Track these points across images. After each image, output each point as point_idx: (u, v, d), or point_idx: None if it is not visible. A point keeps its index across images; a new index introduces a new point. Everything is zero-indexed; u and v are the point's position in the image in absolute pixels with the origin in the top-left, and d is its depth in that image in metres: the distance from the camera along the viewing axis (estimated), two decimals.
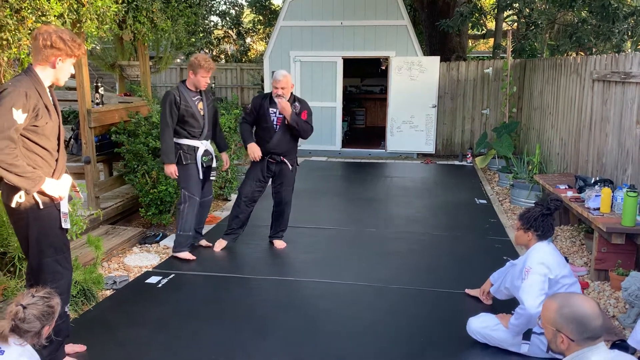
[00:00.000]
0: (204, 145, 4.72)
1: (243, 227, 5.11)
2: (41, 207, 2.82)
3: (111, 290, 4.17)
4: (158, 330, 3.52)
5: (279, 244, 5.15)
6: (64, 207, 2.95)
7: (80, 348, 3.27)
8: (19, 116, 2.66)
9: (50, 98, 2.88)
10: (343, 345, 3.36)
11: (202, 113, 4.67)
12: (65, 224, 2.94)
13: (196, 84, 4.61)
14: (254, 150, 4.81)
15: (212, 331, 3.53)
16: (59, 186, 2.88)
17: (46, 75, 2.83)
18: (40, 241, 2.84)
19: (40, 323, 2.31)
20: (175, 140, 4.61)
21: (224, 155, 5.05)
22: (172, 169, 4.60)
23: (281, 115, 4.75)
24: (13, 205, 2.77)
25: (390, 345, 3.36)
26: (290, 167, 4.90)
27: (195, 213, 4.77)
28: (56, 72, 2.85)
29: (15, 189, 2.74)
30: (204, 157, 4.73)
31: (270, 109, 4.79)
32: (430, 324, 3.63)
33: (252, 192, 4.96)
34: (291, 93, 4.81)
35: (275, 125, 4.80)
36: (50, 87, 2.92)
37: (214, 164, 4.90)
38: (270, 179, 5.02)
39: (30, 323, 2.28)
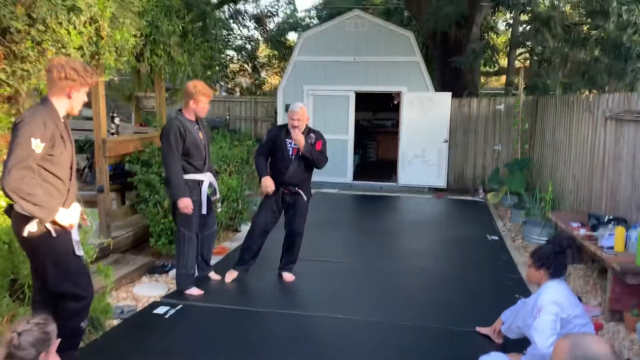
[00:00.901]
0: (207, 178, 4.61)
1: (255, 257, 5.09)
2: (54, 235, 2.86)
3: (119, 319, 4.15)
4: None
5: (288, 276, 5.09)
6: (75, 235, 2.98)
7: None
8: (37, 145, 2.73)
9: (65, 128, 2.95)
10: None
11: (203, 142, 4.54)
12: (79, 251, 2.97)
13: (197, 112, 4.46)
14: (268, 185, 4.78)
15: None
16: (70, 215, 2.92)
17: (61, 105, 2.92)
18: (58, 268, 2.91)
19: (36, 350, 2.29)
20: None
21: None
22: (187, 202, 4.34)
23: (297, 146, 4.76)
24: (25, 234, 2.80)
25: None
26: (304, 197, 4.90)
27: (195, 250, 4.66)
28: (71, 102, 2.94)
29: (27, 219, 2.77)
30: (208, 190, 4.63)
31: (287, 140, 4.81)
32: None
33: (266, 223, 4.95)
34: (306, 125, 4.83)
35: (291, 156, 4.80)
36: (64, 117, 2.99)
37: (218, 195, 4.86)
38: (284, 210, 5.00)
39: (25, 350, 2.26)
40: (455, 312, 4.41)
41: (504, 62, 15.26)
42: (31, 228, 2.80)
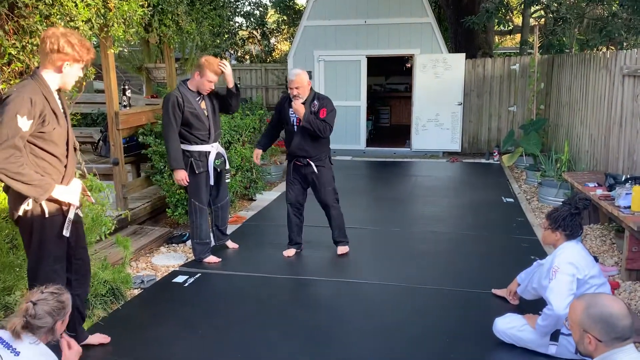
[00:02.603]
0: (214, 149, 4.58)
1: (300, 234, 4.99)
2: (47, 215, 2.78)
3: (139, 289, 4.24)
4: (184, 329, 3.57)
5: (340, 249, 4.94)
6: (71, 214, 2.88)
7: (104, 339, 3.35)
8: (24, 123, 2.58)
9: (59, 103, 2.82)
10: (368, 345, 3.35)
11: (206, 114, 4.49)
12: (66, 232, 2.86)
13: (200, 86, 4.43)
14: (255, 155, 4.87)
15: (238, 330, 3.56)
16: (69, 192, 2.83)
17: (52, 79, 2.76)
18: (41, 249, 2.80)
19: (52, 318, 2.33)
20: (185, 147, 4.45)
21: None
22: (182, 175, 4.41)
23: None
24: (20, 213, 2.73)
25: (416, 345, 3.34)
26: (314, 169, 4.68)
27: (207, 220, 4.69)
28: (63, 77, 2.77)
29: (22, 197, 2.70)
30: (216, 161, 4.59)
31: (290, 110, 4.65)
32: (457, 324, 3.60)
33: (295, 197, 4.82)
34: (312, 90, 4.65)
35: (294, 127, 4.65)
36: (59, 91, 2.86)
37: (227, 166, 4.79)
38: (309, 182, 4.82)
39: (42, 319, 2.30)
40: (470, 275, 4.43)
41: (518, 20, 14.90)
42: (26, 207, 2.73)
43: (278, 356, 3.25)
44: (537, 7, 11.59)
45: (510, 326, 3.27)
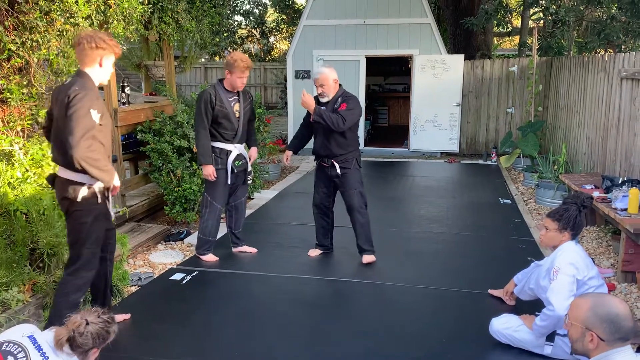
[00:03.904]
0: (237, 149, 4.54)
1: (327, 236, 4.87)
2: (99, 201, 3.11)
3: (136, 286, 4.24)
4: (181, 326, 3.58)
5: (365, 259, 4.68)
6: (111, 199, 3.28)
7: (125, 316, 3.64)
8: (96, 117, 2.92)
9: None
10: (364, 343, 3.36)
11: (237, 115, 4.47)
12: (113, 215, 3.35)
13: (233, 84, 4.40)
14: (285, 156, 4.78)
15: (235, 328, 3.57)
16: (117, 179, 3.15)
17: (95, 75, 3.06)
18: (90, 232, 3.10)
19: (93, 343, 2.38)
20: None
21: (252, 150, 4.74)
22: (210, 170, 4.41)
23: None
24: (79, 199, 3.02)
25: (413, 344, 3.35)
26: (339, 170, 4.48)
27: (217, 218, 4.64)
28: (103, 71, 3.07)
29: (80, 184, 3.00)
30: (236, 162, 4.53)
31: (319, 108, 4.45)
32: (453, 324, 3.61)
33: (320, 199, 4.71)
34: (341, 89, 4.49)
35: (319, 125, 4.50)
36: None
37: (249, 168, 4.70)
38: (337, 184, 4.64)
39: (86, 339, 2.36)
40: (467, 275, 4.45)
41: (517, 22, 14.93)
42: (84, 193, 3.02)
43: (274, 354, 3.25)
44: (536, 9, 11.61)
45: (506, 326, 3.28)
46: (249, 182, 4.80)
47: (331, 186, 4.67)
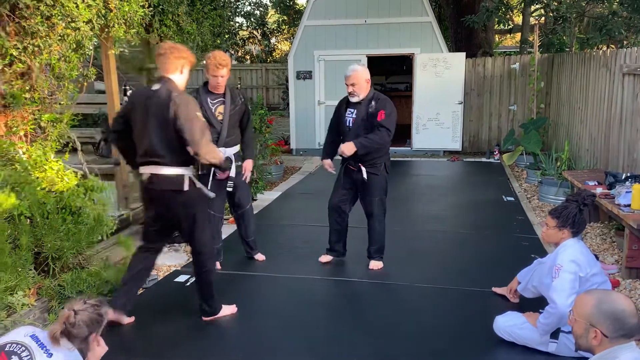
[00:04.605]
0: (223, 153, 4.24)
1: (341, 241, 4.69)
2: (205, 192, 3.46)
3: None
4: (186, 328, 3.59)
5: (373, 264, 4.58)
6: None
7: (128, 320, 3.63)
8: (201, 117, 3.32)
9: None
10: (368, 343, 3.37)
11: (219, 118, 4.25)
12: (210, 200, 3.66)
13: (210, 84, 4.22)
14: (326, 167, 4.52)
15: (240, 329, 3.58)
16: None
17: (177, 81, 3.37)
18: (204, 215, 3.52)
19: (88, 330, 2.40)
20: None
21: (246, 162, 4.50)
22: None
23: (355, 116, 4.23)
24: (186, 188, 3.35)
25: (416, 343, 3.36)
26: (365, 175, 4.31)
27: (215, 225, 4.40)
28: (182, 77, 3.40)
29: (183, 178, 3.34)
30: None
31: (349, 110, 4.30)
32: (457, 323, 3.61)
33: (338, 201, 4.51)
34: (372, 90, 4.27)
35: (348, 127, 4.28)
36: None
37: (232, 174, 4.35)
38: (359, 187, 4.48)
39: (79, 329, 2.37)
40: (471, 273, 4.44)
41: (518, 19, 14.90)
42: (187, 183, 3.35)
43: (279, 355, 3.26)
44: (537, 6, 11.59)
45: (510, 324, 3.28)
46: (229, 189, 4.44)
47: (353, 190, 4.49)
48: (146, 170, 3.36)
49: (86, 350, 2.46)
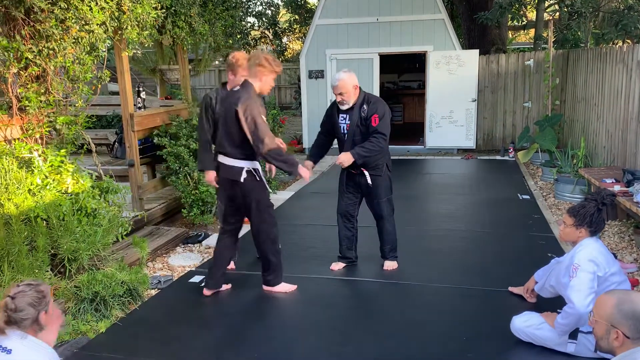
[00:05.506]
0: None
1: (352, 248, 4.63)
2: (265, 183, 3.92)
3: (156, 289, 4.28)
4: (201, 329, 3.60)
5: (386, 265, 4.56)
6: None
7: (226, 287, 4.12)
8: (264, 117, 3.70)
9: None
10: (385, 343, 3.35)
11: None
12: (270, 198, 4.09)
13: (231, 84, 4.21)
14: (303, 173, 3.95)
15: (254, 329, 3.57)
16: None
17: (257, 86, 3.76)
18: (267, 204, 3.95)
19: (35, 309, 2.28)
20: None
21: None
22: (209, 177, 4.14)
23: (349, 122, 4.20)
24: (242, 180, 3.79)
25: (433, 343, 3.33)
26: (369, 178, 4.30)
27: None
28: (261, 84, 3.78)
29: (241, 169, 3.79)
30: None
31: (341, 115, 4.27)
32: (473, 323, 3.58)
33: (345, 206, 4.48)
34: (362, 92, 4.24)
35: (344, 134, 4.27)
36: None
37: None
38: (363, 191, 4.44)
39: (23, 311, 2.25)
40: (487, 273, 4.40)
41: (532, 15, 14.74)
42: (245, 175, 3.79)
43: (294, 355, 3.25)
44: (552, 2, 11.47)
45: (527, 324, 3.24)
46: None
47: (358, 193, 4.47)
48: (217, 158, 3.92)
49: (41, 330, 2.32)
